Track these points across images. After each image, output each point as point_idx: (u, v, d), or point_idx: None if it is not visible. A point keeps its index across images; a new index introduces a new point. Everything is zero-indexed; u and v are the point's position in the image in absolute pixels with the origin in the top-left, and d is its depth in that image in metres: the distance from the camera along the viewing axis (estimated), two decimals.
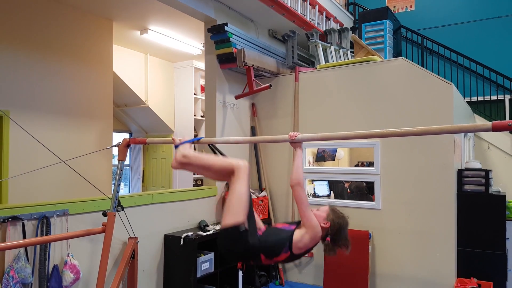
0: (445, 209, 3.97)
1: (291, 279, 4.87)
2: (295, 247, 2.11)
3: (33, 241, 2.59)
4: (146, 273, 3.67)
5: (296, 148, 2.15)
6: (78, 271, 3.01)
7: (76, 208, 3.10)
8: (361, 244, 4.23)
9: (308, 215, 2.11)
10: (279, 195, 5.00)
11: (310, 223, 2.10)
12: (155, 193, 3.85)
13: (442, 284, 3.95)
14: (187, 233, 3.82)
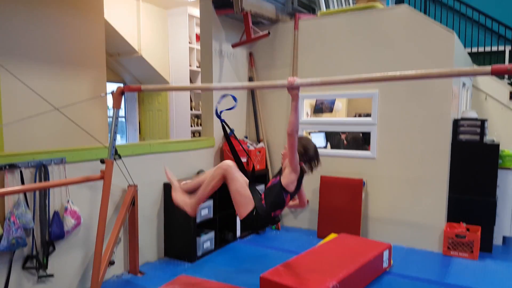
0: (439, 157, 4.03)
1: (287, 224, 5.02)
2: (289, 188, 2.55)
3: (32, 186, 2.62)
4: (146, 219, 3.76)
5: (294, 96, 2.27)
6: (78, 217, 3.07)
7: (73, 156, 3.11)
8: (355, 191, 4.33)
9: (295, 159, 2.48)
10: (276, 145, 5.03)
11: (295, 165, 2.50)
12: (152, 143, 3.86)
13: (432, 228, 4.10)
14: (186, 181, 3.86)
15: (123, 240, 3.55)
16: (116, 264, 3.48)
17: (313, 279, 2.77)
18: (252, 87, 4.11)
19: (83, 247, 3.23)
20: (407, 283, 3.28)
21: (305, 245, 4.03)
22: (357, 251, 3.33)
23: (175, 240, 3.93)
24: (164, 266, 3.75)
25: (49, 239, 2.93)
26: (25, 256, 2.83)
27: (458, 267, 3.66)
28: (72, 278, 3.15)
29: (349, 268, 2.97)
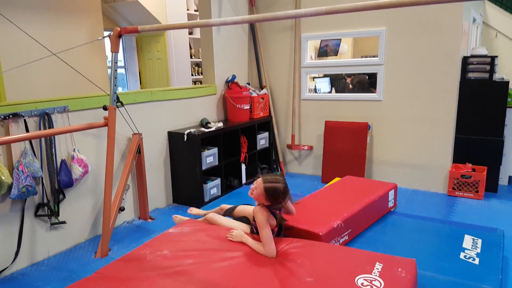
0: (447, 97, 3.96)
1: (291, 171, 5.07)
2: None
3: (38, 134, 2.61)
4: (153, 167, 3.80)
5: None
6: (86, 165, 3.09)
7: (76, 104, 3.08)
8: (360, 135, 4.32)
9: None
10: (279, 91, 4.96)
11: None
12: (154, 91, 3.80)
13: (437, 169, 4.12)
14: (190, 130, 3.86)
15: (131, 188, 3.60)
16: (126, 210, 3.56)
17: (317, 219, 2.81)
18: (253, 20, 3.87)
19: (92, 195, 3.28)
20: (412, 222, 3.34)
21: (310, 190, 4.08)
22: (362, 191, 3.37)
23: (182, 187, 3.98)
24: (173, 211, 3.83)
25: (59, 187, 2.97)
26: (36, 204, 2.88)
27: (462, 207, 3.71)
28: (84, 225, 3.23)
29: (354, 208, 3.01)
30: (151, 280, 2.04)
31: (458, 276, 2.43)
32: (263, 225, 2.39)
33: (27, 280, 2.62)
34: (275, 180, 2.43)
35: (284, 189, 2.44)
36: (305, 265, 2.16)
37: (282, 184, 2.44)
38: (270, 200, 2.42)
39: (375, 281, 2.00)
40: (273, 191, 2.40)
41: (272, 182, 2.41)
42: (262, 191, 2.40)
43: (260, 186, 2.41)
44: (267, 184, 2.40)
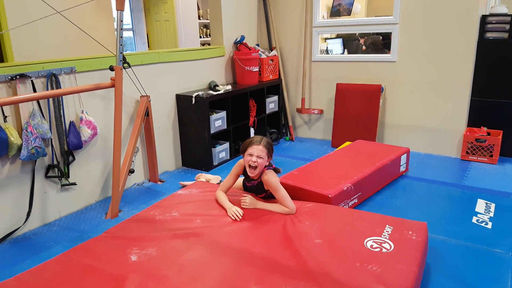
0: (464, 58, 3.81)
1: (301, 135, 5.01)
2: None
3: (45, 94, 2.57)
4: (162, 130, 3.77)
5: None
6: (94, 127, 3.07)
7: (83, 65, 3.03)
8: (373, 98, 4.21)
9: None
10: (290, 53, 4.82)
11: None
12: (161, 52, 3.71)
13: (451, 133, 4.03)
14: (198, 93, 3.80)
15: (141, 151, 3.60)
16: (136, 173, 3.57)
17: (327, 181, 2.79)
18: None
19: (102, 157, 3.28)
20: (424, 186, 3.30)
21: (319, 155, 4.04)
22: (374, 155, 3.32)
23: (191, 151, 3.97)
24: (183, 174, 3.83)
25: (68, 149, 2.97)
26: (46, 165, 2.89)
27: (476, 171, 3.64)
28: (94, 186, 3.26)
29: (364, 172, 2.98)
30: (160, 240, 2.06)
31: (470, 240, 2.42)
32: (279, 186, 2.42)
33: (39, 240, 2.67)
34: (257, 137, 2.52)
35: (268, 138, 2.59)
36: (313, 227, 2.15)
37: (264, 136, 2.55)
38: (271, 153, 2.49)
39: (385, 243, 1.99)
40: (270, 143, 2.51)
41: (261, 139, 2.49)
42: (266, 151, 2.43)
43: (260, 149, 2.42)
44: (263, 141, 2.46)
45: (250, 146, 2.43)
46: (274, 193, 2.44)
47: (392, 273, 1.75)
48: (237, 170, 2.59)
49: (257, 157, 2.39)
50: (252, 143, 2.44)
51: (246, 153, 2.44)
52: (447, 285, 2.02)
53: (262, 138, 2.48)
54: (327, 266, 1.80)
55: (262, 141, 2.45)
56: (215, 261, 1.87)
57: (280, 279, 1.70)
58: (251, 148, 2.42)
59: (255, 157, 2.39)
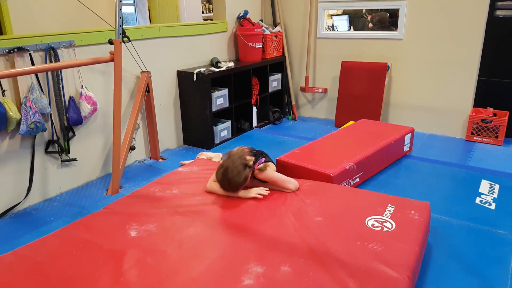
0: (472, 36, 3.72)
1: (304, 115, 4.96)
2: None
3: (43, 67, 2.53)
4: (163, 107, 3.73)
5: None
6: (94, 102, 3.03)
7: (82, 39, 2.97)
8: (378, 76, 4.14)
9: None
10: (294, 29, 4.72)
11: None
12: (162, 26, 3.63)
13: (456, 113, 3.96)
14: (199, 69, 3.73)
15: (142, 128, 3.56)
16: (138, 150, 3.55)
17: (329, 160, 2.75)
18: None
19: (103, 133, 3.25)
20: (427, 166, 3.26)
21: (322, 134, 3.98)
22: (377, 134, 3.27)
23: (193, 129, 3.93)
24: (184, 152, 3.81)
25: (68, 124, 2.94)
26: (46, 141, 2.87)
27: (481, 152, 3.59)
28: (95, 163, 3.24)
29: (367, 151, 2.93)
30: (159, 216, 2.04)
31: (473, 221, 2.39)
32: (274, 175, 2.34)
33: (40, 215, 2.67)
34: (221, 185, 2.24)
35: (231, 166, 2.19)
36: (314, 205, 2.13)
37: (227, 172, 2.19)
38: (244, 180, 2.22)
39: (386, 222, 1.96)
40: (235, 183, 2.19)
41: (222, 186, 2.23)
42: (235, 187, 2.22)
43: (229, 193, 2.25)
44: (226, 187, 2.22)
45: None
46: (275, 184, 2.35)
47: (393, 252, 1.73)
48: None
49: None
50: (223, 189, 2.24)
51: None
52: (448, 265, 2.00)
53: (223, 183, 2.21)
54: (327, 244, 1.78)
55: (226, 187, 2.22)
56: (214, 238, 1.86)
57: (279, 256, 1.69)
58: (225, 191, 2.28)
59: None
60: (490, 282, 1.87)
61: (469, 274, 1.93)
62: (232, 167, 2.16)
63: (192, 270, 1.62)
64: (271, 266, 1.63)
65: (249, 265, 1.63)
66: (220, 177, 2.19)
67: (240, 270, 1.60)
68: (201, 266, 1.63)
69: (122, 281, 1.55)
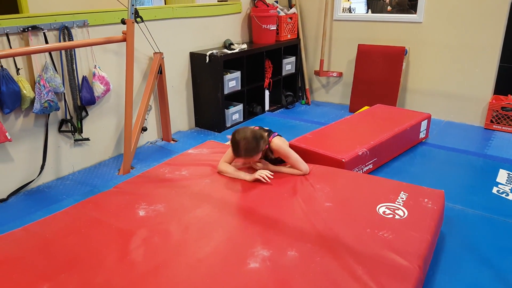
0: (494, 20, 3.57)
1: (317, 99, 4.88)
2: None
3: (56, 46, 2.53)
4: (175, 89, 3.71)
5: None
6: (107, 83, 3.03)
7: (95, 19, 2.95)
8: (395, 60, 4.03)
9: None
10: (310, 11, 4.61)
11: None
12: (175, 7, 3.59)
13: (476, 100, 3.84)
14: (212, 51, 3.69)
15: (154, 109, 3.56)
16: (150, 132, 3.55)
17: (341, 145, 2.70)
18: None
19: (115, 114, 3.26)
20: (443, 154, 3.19)
21: (336, 119, 3.92)
22: (392, 120, 3.20)
23: (204, 111, 3.91)
24: (196, 134, 3.80)
25: (81, 104, 2.95)
26: (59, 120, 2.89)
27: (499, 141, 3.49)
28: (108, 143, 3.26)
29: (381, 137, 2.87)
30: (168, 197, 2.04)
31: (489, 211, 2.33)
32: (289, 150, 2.34)
33: (52, 193, 2.70)
34: (235, 150, 2.19)
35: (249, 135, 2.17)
36: (324, 190, 2.10)
37: (242, 139, 2.15)
38: (258, 149, 2.19)
39: (398, 210, 1.92)
40: (251, 148, 2.16)
41: (241, 150, 2.16)
42: (250, 157, 2.20)
43: (243, 160, 2.28)
44: (243, 153, 2.16)
45: (235, 157, 2.24)
46: (285, 159, 2.35)
47: (404, 240, 1.69)
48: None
49: (244, 163, 2.34)
50: (236, 155, 2.22)
51: None
52: (461, 255, 1.96)
53: (239, 148, 2.15)
54: (336, 229, 1.75)
55: (241, 153, 2.16)
56: (222, 220, 1.85)
57: (286, 241, 1.67)
58: (237, 160, 2.30)
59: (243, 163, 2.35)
60: (503, 274, 1.82)
61: (483, 265, 1.89)
62: (247, 131, 2.17)
63: (198, 252, 1.61)
64: (277, 250, 1.61)
65: (255, 248, 1.61)
66: (236, 140, 2.15)
67: (246, 253, 1.59)
68: (207, 248, 1.63)
69: (128, 260, 1.55)
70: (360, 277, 1.47)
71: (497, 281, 1.78)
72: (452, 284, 1.77)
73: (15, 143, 2.65)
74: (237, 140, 2.14)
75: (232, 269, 1.52)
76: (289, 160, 2.32)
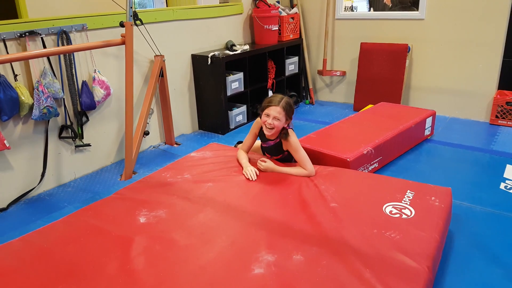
0: (497, 15, 3.51)
1: (321, 99, 4.84)
2: None
3: (54, 50, 2.51)
4: (177, 91, 3.68)
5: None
6: (108, 87, 3.00)
7: (94, 23, 2.93)
8: (398, 58, 3.98)
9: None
10: (312, 11, 4.57)
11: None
12: (176, 9, 3.56)
13: (480, 96, 3.79)
14: (214, 53, 3.65)
15: (157, 113, 3.53)
16: (152, 135, 3.52)
17: (346, 144, 2.66)
18: None
19: (117, 118, 3.23)
20: (449, 150, 3.13)
21: (341, 118, 3.87)
22: (397, 118, 3.15)
23: (207, 113, 3.88)
24: (199, 137, 3.77)
25: (81, 109, 2.93)
26: (59, 126, 2.86)
27: (505, 136, 3.43)
28: (109, 148, 3.23)
29: (386, 135, 2.82)
30: (170, 202, 2.00)
31: (497, 207, 2.28)
32: (299, 146, 2.33)
33: (53, 200, 2.67)
34: (277, 97, 2.33)
35: (289, 98, 2.37)
36: (329, 190, 2.05)
37: (284, 96, 2.36)
38: (290, 115, 2.33)
39: (405, 209, 1.87)
40: (290, 104, 2.32)
41: (280, 99, 2.31)
42: (284, 113, 2.27)
43: (278, 110, 2.26)
44: (282, 103, 2.28)
45: (268, 106, 2.29)
46: (293, 154, 2.34)
47: (412, 240, 1.65)
48: (254, 129, 2.50)
49: (273, 118, 2.26)
50: (271, 103, 2.28)
51: (263, 112, 2.32)
52: (470, 254, 1.91)
53: (282, 98, 2.30)
54: (342, 231, 1.71)
55: (281, 102, 2.27)
56: (225, 225, 1.81)
57: (292, 244, 1.62)
58: (269, 109, 2.28)
59: (272, 118, 2.26)
60: None
61: (493, 263, 1.83)
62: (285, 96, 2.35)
63: (201, 258, 1.57)
64: (282, 254, 1.57)
65: (259, 253, 1.57)
66: (277, 94, 2.35)
67: (250, 258, 1.54)
68: (210, 254, 1.59)
69: (129, 269, 1.51)
70: (368, 280, 1.43)
71: (510, 280, 1.73)
72: (463, 285, 1.72)
73: (14, 151, 2.63)
74: (279, 95, 2.33)
75: (236, 276, 1.48)
76: (297, 154, 2.31)
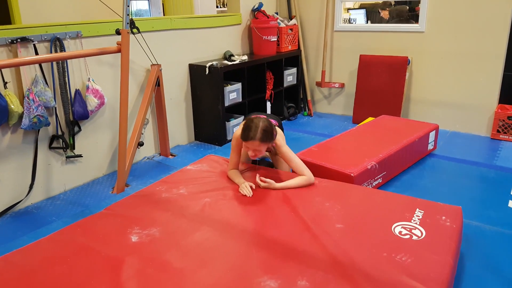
0: (498, 28, 3.47)
1: (320, 111, 4.76)
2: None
3: (46, 57, 2.40)
4: (174, 101, 3.58)
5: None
6: (102, 96, 2.90)
7: (89, 30, 2.83)
8: (398, 70, 3.92)
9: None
10: (310, 22, 4.51)
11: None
12: (174, 18, 3.48)
13: (481, 109, 3.73)
14: (212, 63, 3.57)
15: (152, 123, 3.42)
16: (147, 146, 3.41)
17: (349, 159, 2.56)
18: None
19: (110, 128, 3.12)
20: (453, 165, 3.05)
21: (340, 130, 3.81)
22: (400, 132, 3.06)
23: (204, 124, 3.78)
24: (195, 149, 3.66)
25: (73, 118, 2.81)
26: (50, 136, 2.75)
27: (508, 151, 3.35)
28: (102, 159, 3.11)
29: (390, 149, 2.73)
30: (164, 219, 1.88)
31: (507, 227, 2.18)
32: (292, 154, 2.26)
33: (41, 214, 2.54)
34: (252, 128, 2.12)
35: (266, 121, 2.17)
36: (334, 209, 1.95)
37: (260, 122, 2.14)
38: (270, 140, 2.16)
39: (415, 229, 1.77)
40: (268, 133, 2.13)
41: (255, 130, 2.11)
42: (263, 145, 2.14)
43: (257, 144, 2.11)
44: (258, 136, 2.10)
45: (246, 140, 2.14)
46: (288, 163, 2.29)
47: (424, 264, 1.54)
48: (238, 147, 2.33)
49: (254, 150, 2.15)
50: (247, 138, 2.12)
51: (243, 143, 2.19)
52: (483, 277, 1.80)
53: (257, 129, 2.10)
54: (350, 254, 1.59)
55: (257, 135, 2.09)
56: (223, 246, 1.68)
57: (296, 269, 1.51)
58: (247, 143, 2.14)
59: (252, 151, 2.15)
60: None
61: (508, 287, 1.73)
62: (262, 118, 2.17)
63: (197, 284, 1.44)
64: (286, 279, 1.45)
65: (261, 278, 1.45)
66: (253, 123, 2.13)
67: (251, 284, 1.42)
68: (207, 280, 1.46)
69: None
70: None
71: None
72: None
73: (1, 161, 2.50)
74: (254, 123, 2.12)
75: None
76: (292, 163, 2.25)
